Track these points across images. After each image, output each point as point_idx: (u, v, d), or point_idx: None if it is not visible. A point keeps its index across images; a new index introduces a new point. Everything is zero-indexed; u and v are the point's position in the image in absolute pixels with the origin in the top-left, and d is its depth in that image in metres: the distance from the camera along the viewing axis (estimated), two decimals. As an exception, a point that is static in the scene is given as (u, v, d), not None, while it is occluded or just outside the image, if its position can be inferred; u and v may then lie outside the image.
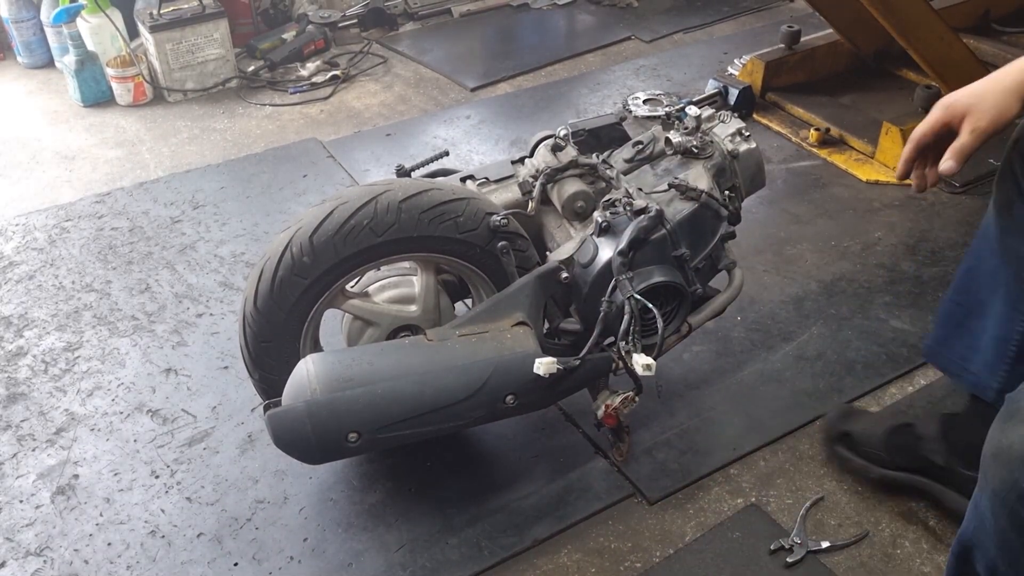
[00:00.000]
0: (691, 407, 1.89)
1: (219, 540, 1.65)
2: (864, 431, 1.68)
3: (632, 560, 1.60)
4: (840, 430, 1.71)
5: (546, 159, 1.70)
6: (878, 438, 1.66)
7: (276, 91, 3.26)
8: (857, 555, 1.59)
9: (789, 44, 2.99)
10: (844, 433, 1.70)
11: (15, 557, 1.62)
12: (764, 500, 1.69)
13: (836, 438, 1.72)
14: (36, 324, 2.17)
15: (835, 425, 1.72)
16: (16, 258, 2.40)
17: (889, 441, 1.65)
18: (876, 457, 1.67)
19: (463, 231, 1.55)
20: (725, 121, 1.77)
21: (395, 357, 1.51)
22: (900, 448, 1.64)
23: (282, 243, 1.52)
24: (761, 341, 2.05)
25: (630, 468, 1.75)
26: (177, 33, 3.10)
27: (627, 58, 3.45)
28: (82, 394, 1.96)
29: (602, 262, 1.57)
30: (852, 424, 1.70)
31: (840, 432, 1.71)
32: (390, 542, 1.63)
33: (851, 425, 1.70)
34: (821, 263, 2.30)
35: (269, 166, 2.79)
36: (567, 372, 1.51)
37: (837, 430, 1.71)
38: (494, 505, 1.69)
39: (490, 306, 1.58)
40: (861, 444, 1.68)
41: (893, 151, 2.63)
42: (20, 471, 1.79)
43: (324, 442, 1.45)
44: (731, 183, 1.75)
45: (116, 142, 2.97)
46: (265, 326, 1.55)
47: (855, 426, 1.70)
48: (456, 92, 3.24)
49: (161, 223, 2.53)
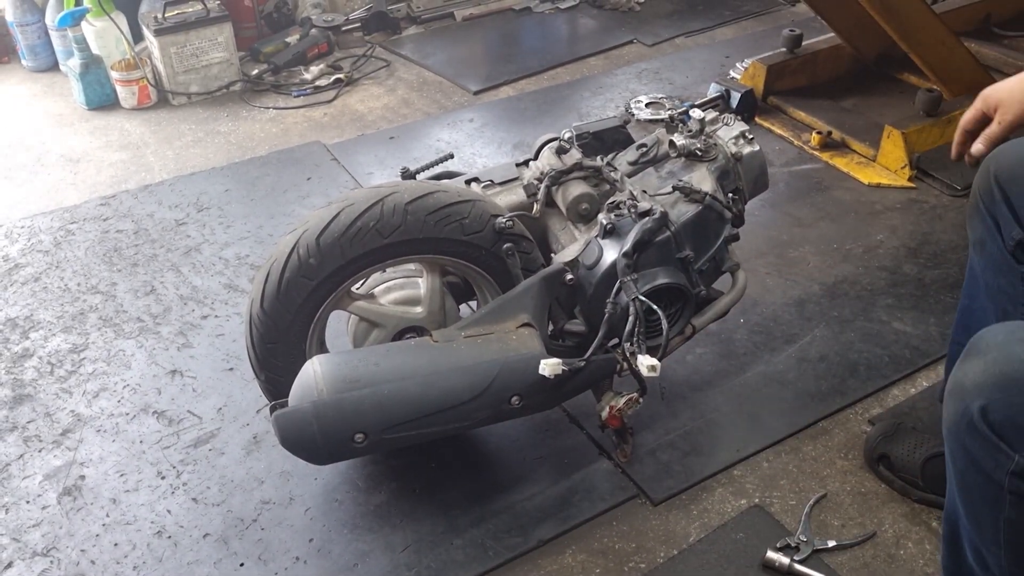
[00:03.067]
0: (694, 408, 1.90)
1: (225, 541, 1.65)
2: (902, 457, 1.68)
3: (636, 561, 1.60)
4: (880, 452, 1.70)
5: (551, 162, 1.71)
6: (915, 465, 1.66)
7: (280, 94, 3.27)
8: (861, 555, 1.60)
9: (791, 48, 3.00)
10: (883, 455, 1.70)
11: (22, 557, 1.63)
12: (767, 501, 1.70)
13: (877, 459, 1.71)
14: (42, 326, 2.17)
15: (876, 446, 1.72)
16: (22, 260, 2.41)
17: (925, 471, 1.64)
18: (914, 482, 1.67)
19: (468, 233, 1.56)
20: (729, 124, 1.78)
21: (401, 358, 1.52)
22: (936, 478, 1.63)
23: (288, 245, 1.53)
24: (764, 343, 2.06)
25: (634, 469, 1.76)
26: (181, 37, 3.11)
27: (629, 62, 3.46)
28: (88, 395, 1.97)
29: (607, 264, 1.58)
30: (892, 447, 1.69)
31: (880, 454, 1.70)
32: (395, 543, 1.64)
33: (891, 448, 1.69)
34: (823, 266, 2.31)
35: (273, 169, 2.80)
36: (572, 373, 1.52)
37: (878, 451, 1.71)
38: (499, 506, 1.70)
39: (495, 308, 1.59)
40: (899, 469, 1.68)
41: (895, 154, 2.64)
42: (27, 472, 1.80)
43: (330, 443, 1.46)
44: (735, 186, 1.75)
45: (121, 145, 2.98)
46: (271, 327, 1.56)
47: (895, 449, 1.69)
48: (459, 95, 3.26)
49: (166, 225, 2.54)
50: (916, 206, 2.53)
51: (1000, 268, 1.41)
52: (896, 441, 1.70)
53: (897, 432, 1.72)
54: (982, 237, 1.44)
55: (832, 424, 1.87)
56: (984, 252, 1.44)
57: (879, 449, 1.71)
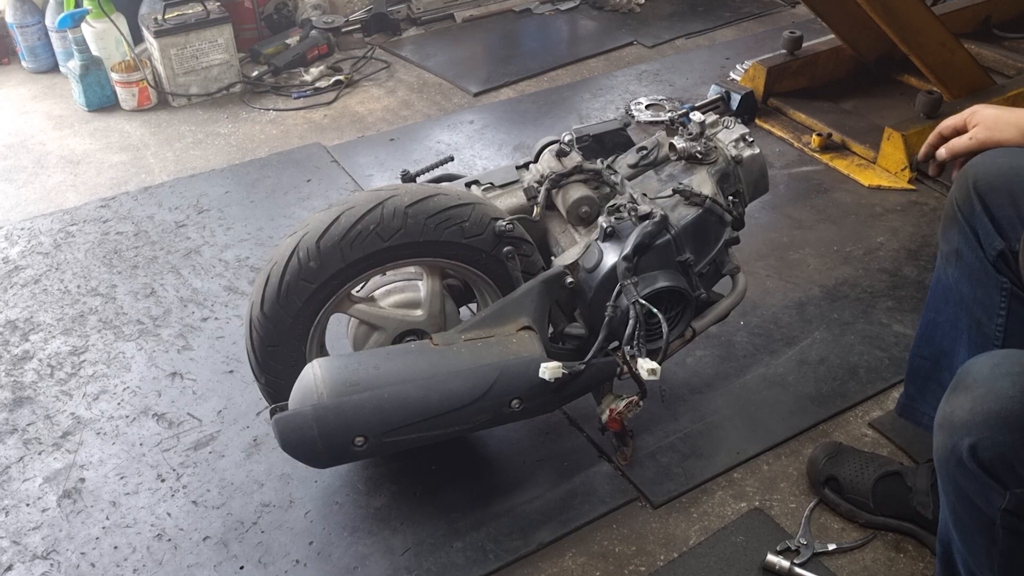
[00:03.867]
0: (694, 411, 1.90)
1: (225, 544, 1.65)
2: (851, 478, 1.65)
3: (636, 564, 1.60)
4: (827, 474, 1.67)
5: (551, 164, 1.71)
6: (865, 486, 1.63)
7: (280, 96, 3.27)
8: (860, 559, 1.60)
9: (791, 50, 3.00)
10: (831, 477, 1.67)
11: (22, 560, 1.63)
12: (768, 504, 1.70)
13: (823, 481, 1.68)
14: (42, 328, 2.17)
15: (821, 469, 1.69)
16: (22, 262, 2.41)
17: (876, 491, 1.62)
18: (863, 504, 1.64)
19: (469, 236, 1.56)
20: (729, 127, 1.77)
21: (401, 361, 1.52)
22: (887, 498, 1.61)
23: (289, 248, 1.53)
24: (764, 346, 2.06)
25: (634, 472, 1.76)
26: (181, 38, 3.11)
27: (629, 63, 3.46)
28: (88, 398, 1.97)
29: (607, 267, 1.58)
30: (838, 468, 1.67)
31: (827, 476, 1.68)
32: (395, 546, 1.64)
33: (837, 469, 1.67)
34: (823, 268, 2.31)
35: (273, 171, 2.80)
36: (572, 376, 1.52)
37: (824, 474, 1.68)
38: (499, 509, 1.70)
39: (495, 311, 1.59)
40: (848, 491, 1.65)
41: (895, 156, 2.64)
42: (26, 475, 1.80)
43: (331, 446, 1.46)
44: (735, 188, 1.75)
45: (120, 147, 2.98)
46: (272, 330, 1.56)
47: (842, 471, 1.66)
48: (459, 97, 3.26)
49: (166, 227, 2.54)
50: (916, 208, 2.53)
51: (978, 279, 1.40)
52: (841, 462, 1.68)
53: (840, 453, 1.70)
54: (958, 248, 1.42)
55: (832, 427, 1.87)
56: (960, 262, 1.42)
57: (825, 471, 1.68)
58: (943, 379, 1.49)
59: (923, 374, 1.59)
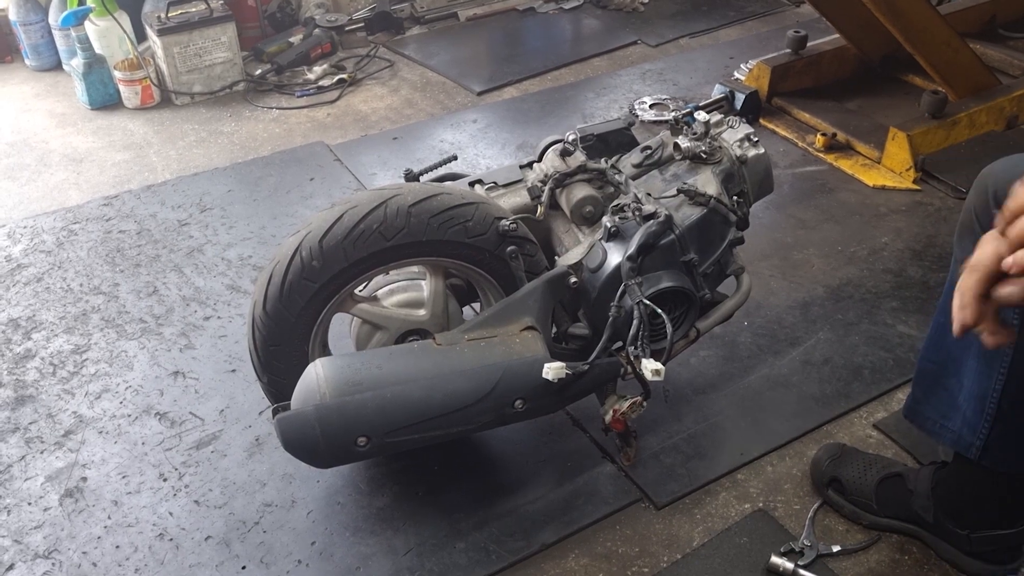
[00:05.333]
0: (698, 412, 1.89)
1: (227, 543, 1.65)
2: (853, 480, 1.65)
3: (639, 565, 1.60)
4: (831, 475, 1.67)
5: (555, 164, 1.70)
6: (868, 488, 1.63)
7: (283, 94, 3.27)
8: (865, 561, 1.59)
9: (796, 49, 2.99)
10: (834, 479, 1.67)
11: (23, 559, 1.63)
12: (772, 505, 1.69)
13: (827, 483, 1.68)
14: (44, 326, 2.17)
15: (825, 470, 1.68)
16: (24, 260, 2.41)
17: (879, 493, 1.62)
18: (866, 506, 1.64)
19: (472, 236, 1.55)
20: (733, 126, 1.77)
21: (404, 361, 1.51)
22: (890, 500, 1.61)
23: (292, 247, 1.52)
24: (768, 346, 2.05)
25: (637, 473, 1.76)
26: (184, 36, 3.11)
27: (633, 62, 3.46)
28: (90, 397, 1.97)
29: (611, 267, 1.57)
30: (842, 469, 1.66)
31: (831, 477, 1.67)
32: (398, 546, 1.64)
33: (841, 471, 1.66)
34: (828, 268, 2.30)
35: (276, 169, 2.80)
36: (576, 377, 1.51)
37: (827, 475, 1.68)
38: (502, 509, 1.69)
39: (499, 311, 1.59)
40: (851, 492, 1.65)
41: (899, 156, 2.63)
42: (28, 473, 1.79)
43: (333, 446, 1.45)
44: (739, 188, 1.75)
45: (123, 145, 2.97)
46: (274, 330, 1.56)
47: (845, 472, 1.66)
48: (462, 96, 3.25)
49: (168, 226, 2.53)
50: (921, 208, 2.52)
51: None
52: (845, 464, 1.67)
53: (844, 454, 1.69)
54: None
55: (836, 428, 1.86)
56: None
57: (828, 473, 1.67)
58: (950, 385, 1.47)
59: (931, 379, 1.57)
